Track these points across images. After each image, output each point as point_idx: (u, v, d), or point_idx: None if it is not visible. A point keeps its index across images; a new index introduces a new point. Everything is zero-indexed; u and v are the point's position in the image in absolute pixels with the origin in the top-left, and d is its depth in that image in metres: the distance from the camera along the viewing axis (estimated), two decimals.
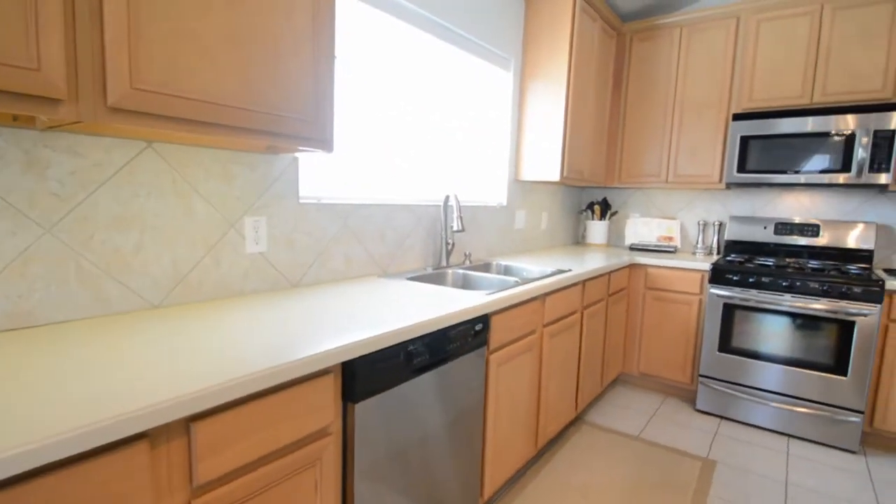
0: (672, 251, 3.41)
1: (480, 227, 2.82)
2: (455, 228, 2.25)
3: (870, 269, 2.79)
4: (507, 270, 2.64)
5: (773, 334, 2.69)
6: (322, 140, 1.45)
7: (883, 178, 2.59)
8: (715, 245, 3.38)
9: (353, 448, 1.25)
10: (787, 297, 2.63)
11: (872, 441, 2.64)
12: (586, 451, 2.49)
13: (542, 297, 2.15)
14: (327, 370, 1.16)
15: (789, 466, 2.41)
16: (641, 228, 3.57)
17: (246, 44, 1.20)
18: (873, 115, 2.60)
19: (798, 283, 2.60)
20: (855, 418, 2.51)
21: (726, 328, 2.82)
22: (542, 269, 2.52)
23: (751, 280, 2.72)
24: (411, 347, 1.42)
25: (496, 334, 1.84)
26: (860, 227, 2.93)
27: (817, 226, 3.04)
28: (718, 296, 2.82)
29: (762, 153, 2.90)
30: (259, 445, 1.00)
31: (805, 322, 2.61)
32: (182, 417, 0.86)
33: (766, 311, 2.70)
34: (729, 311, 2.81)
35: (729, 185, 3.13)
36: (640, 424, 2.79)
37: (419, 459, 1.52)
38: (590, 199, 4.00)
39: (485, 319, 1.76)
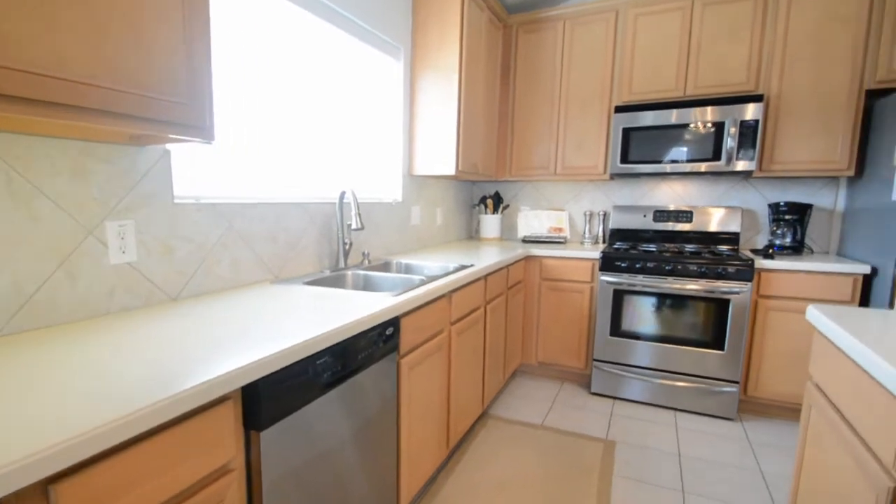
0: (562, 242, 3.59)
1: (377, 224, 2.73)
2: (354, 227, 2.13)
3: (737, 249, 3.16)
4: (407, 269, 2.58)
5: (659, 316, 2.93)
6: (200, 127, 1.27)
7: (748, 166, 2.93)
8: (601, 234, 3.61)
9: (261, 482, 1.11)
10: (670, 279, 2.88)
11: (747, 408, 2.98)
12: (495, 445, 2.52)
13: (449, 295, 2.11)
14: (225, 397, 1.01)
15: (679, 439, 2.64)
16: (532, 221, 3.71)
17: (98, 3, 1.00)
18: (739, 107, 2.92)
19: (679, 267, 2.86)
20: (732, 388, 2.82)
21: (616, 313, 3.02)
22: (443, 265, 2.49)
23: (637, 266, 2.94)
24: (320, 361, 1.30)
25: (407, 337, 1.77)
26: (728, 211, 3.30)
27: (690, 212, 3.37)
28: (608, 282, 3.01)
29: (642, 144, 3.14)
30: (147, 497, 0.83)
31: (686, 302, 2.87)
32: (37, 481, 0.68)
33: (651, 295, 2.94)
34: (618, 296, 3.01)
35: (613, 176, 3.35)
36: (543, 412, 2.89)
37: (333, 480, 1.40)
38: (482, 193, 4.07)
39: (395, 322, 1.68)
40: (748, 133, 2.91)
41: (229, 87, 1.82)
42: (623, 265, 2.98)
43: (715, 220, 3.31)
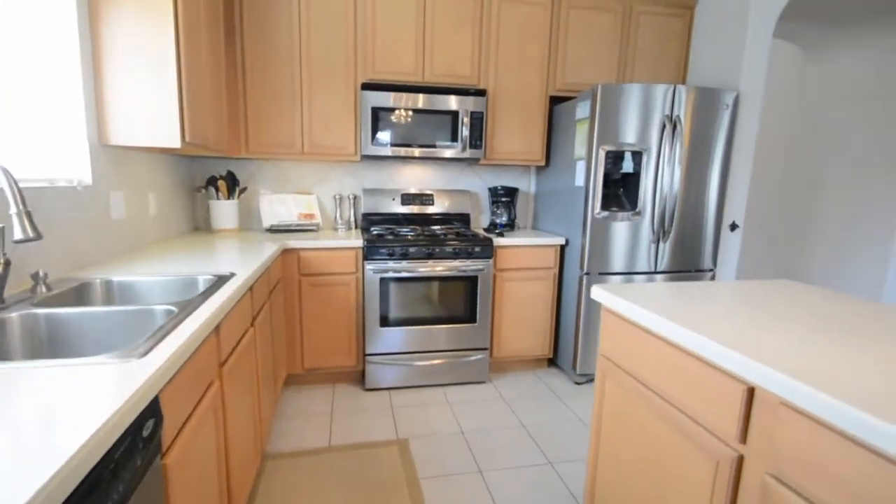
0: (315, 230, 2.87)
1: (52, 223, 1.51)
2: (20, 237, 1.02)
3: (469, 228, 3.08)
4: (123, 292, 1.50)
5: (423, 299, 2.60)
6: None
7: (478, 154, 2.82)
8: (353, 219, 3.04)
9: None
10: (430, 263, 2.57)
11: (493, 367, 2.97)
12: (286, 497, 1.77)
13: (217, 328, 1.26)
14: None
15: (456, 415, 2.40)
16: (279, 207, 2.85)
17: None
18: (470, 98, 2.76)
19: (437, 250, 2.57)
20: (483, 355, 2.74)
21: (385, 302, 2.56)
22: (185, 276, 1.54)
23: (400, 251, 2.53)
24: None
25: (171, 421, 0.91)
26: (460, 194, 3.18)
27: (432, 195, 3.12)
28: (374, 272, 2.51)
29: (390, 126, 2.69)
30: None
31: (444, 283, 2.62)
32: None
33: (415, 280, 2.57)
34: (385, 285, 2.54)
35: (363, 158, 2.82)
36: (325, 429, 2.23)
37: None
38: (207, 172, 2.92)
39: (154, 407, 0.82)
40: (477, 124, 2.80)
41: None
42: (387, 252, 2.52)
43: (451, 203, 3.16)
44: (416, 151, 2.73)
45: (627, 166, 2.62)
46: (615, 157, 2.60)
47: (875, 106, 3.21)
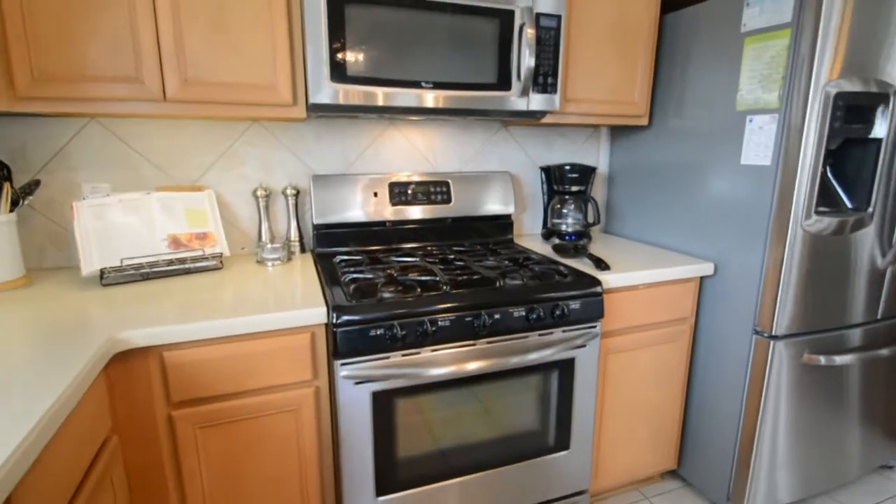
0: (216, 266, 1.40)
1: None
2: None
3: (512, 241, 1.76)
4: None
5: (464, 422, 1.26)
6: None
7: (547, 102, 1.43)
8: (296, 236, 1.58)
9: None
10: (482, 344, 1.21)
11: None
12: None
13: None
14: None
15: None
16: (120, 217, 1.32)
17: None
18: None
19: (497, 316, 1.21)
20: (581, 499, 1.46)
21: (385, 443, 1.18)
22: None
23: (419, 329, 1.14)
24: None
25: None
26: (493, 181, 1.78)
27: (447, 184, 1.71)
28: (357, 381, 1.12)
29: (372, 40, 1.24)
30: None
31: (509, 384, 1.28)
32: None
33: (448, 387, 1.22)
34: (384, 406, 1.16)
35: (314, 111, 1.34)
36: None
37: None
38: None
39: None
40: (549, 42, 1.41)
41: None
42: (386, 334, 1.11)
43: (478, 196, 1.74)
44: (435, 98, 1.32)
45: (862, 126, 1.36)
46: (847, 109, 1.32)
47: None
